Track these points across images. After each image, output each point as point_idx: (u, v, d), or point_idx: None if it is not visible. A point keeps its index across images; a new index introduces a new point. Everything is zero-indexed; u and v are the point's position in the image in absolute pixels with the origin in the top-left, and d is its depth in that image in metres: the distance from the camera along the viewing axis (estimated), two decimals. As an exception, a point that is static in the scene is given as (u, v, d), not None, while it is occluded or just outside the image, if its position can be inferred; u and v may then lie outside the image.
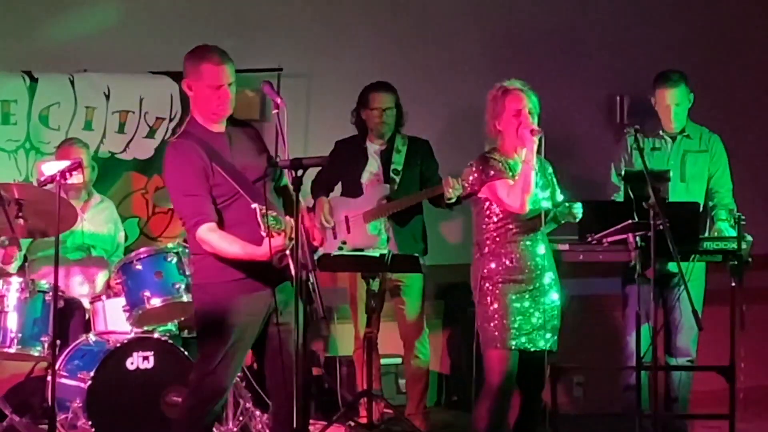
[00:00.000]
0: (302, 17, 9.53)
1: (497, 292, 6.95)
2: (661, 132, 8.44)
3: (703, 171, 8.42)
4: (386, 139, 8.75)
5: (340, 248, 8.53)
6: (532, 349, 6.94)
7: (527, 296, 6.96)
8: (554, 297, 7.04)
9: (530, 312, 6.94)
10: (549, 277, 7.05)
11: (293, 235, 6.03)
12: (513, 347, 6.89)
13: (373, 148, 8.77)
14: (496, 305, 6.95)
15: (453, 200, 7.70)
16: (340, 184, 8.77)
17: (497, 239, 7.01)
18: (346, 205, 8.67)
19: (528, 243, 7.00)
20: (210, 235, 6.24)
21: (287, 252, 6.11)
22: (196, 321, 6.65)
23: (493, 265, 6.99)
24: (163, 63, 9.08)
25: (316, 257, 6.40)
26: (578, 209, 7.09)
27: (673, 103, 8.39)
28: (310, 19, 9.50)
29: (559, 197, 7.17)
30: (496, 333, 6.91)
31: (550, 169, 7.18)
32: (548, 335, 7.00)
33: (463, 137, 8.99)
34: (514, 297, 6.94)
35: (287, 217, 6.19)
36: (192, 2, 9.37)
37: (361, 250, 8.32)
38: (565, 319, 7.14)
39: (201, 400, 6.53)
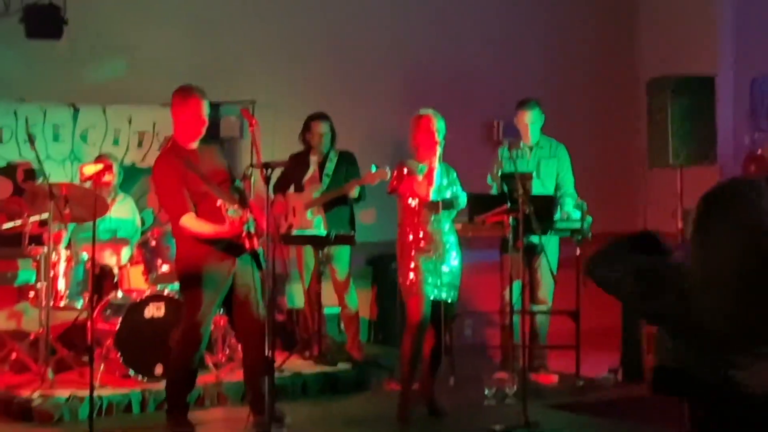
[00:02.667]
0: (268, 65, 9.52)
1: (412, 257, 6.99)
2: (521, 144, 8.50)
3: (553, 171, 8.46)
4: (324, 153, 8.76)
5: (289, 228, 8.59)
6: (439, 299, 6.99)
7: (433, 260, 7.00)
8: (454, 263, 7.09)
9: (437, 272, 6.98)
10: (451, 248, 7.09)
11: (251, 222, 6.25)
12: (425, 295, 6.94)
13: (314, 159, 8.76)
14: (412, 266, 6.98)
15: (357, 197, 8.36)
16: (293, 185, 8.77)
17: (413, 220, 7.06)
18: (294, 198, 8.71)
19: (434, 223, 7.04)
20: (190, 221, 6.36)
21: (244, 233, 6.23)
22: (179, 285, 6.73)
23: (410, 238, 7.04)
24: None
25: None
26: (463, 199, 7.17)
27: (530, 122, 8.45)
28: (275, 65, 9.48)
29: (461, 192, 7.23)
30: (414, 286, 6.95)
31: (454, 174, 7.23)
32: (451, 290, 7.05)
33: (383, 148, 9.07)
34: (423, 260, 6.98)
35: (244, 209, 6.35)
36: (194, 51, 9.33)
37: (303, 230, 8.42)
38: (461, 280, 7.20)
39: (187, 344, 6.59)
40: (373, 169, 8.27)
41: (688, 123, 8.87)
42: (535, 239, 7.78)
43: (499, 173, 7.98)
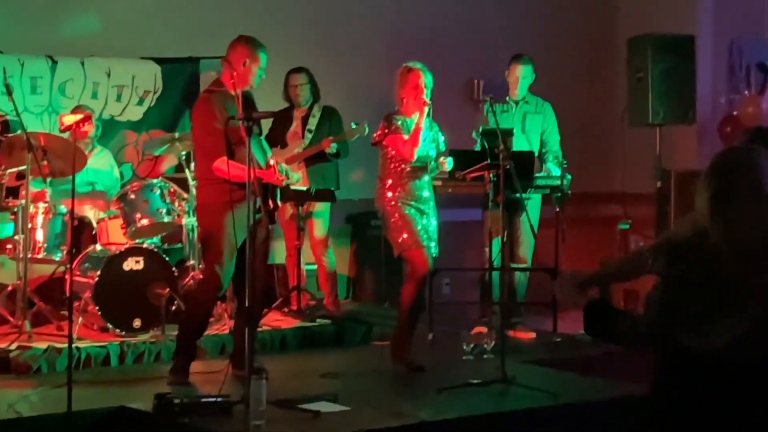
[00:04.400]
0: (249, 19, 9.38)
1: (400, 211, 6.97)
2: (507, 98, 8.48)
3: (537, 127, 8.46)
4: (306, 107, 8.70)
5: None
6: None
7: (419, 214, 7.00)
8: (433, 219, 7.08)
9: (423, 225, 6.98)
10: (432, 202, 7.09)
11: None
12: (426, 246, 6.94)
13: (297, 114, 8.71)
14: (400, 220, 6.97)
15: (333, 153, 8.33)
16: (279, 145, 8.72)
17: (395, 176, 7.03)
18: (277, 155, 8.63)
19: (416, 180, 7.02)
20: (223, 165, 6.30)
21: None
22: (201, 232, 6.79)
23: (390, 194, 7.02)
24: (149, 51, 9.04)
25: None
26: (449, 163, 7.15)
27: (521, 76, 8.44)
28: (256, 20, 9.36)
29: (443, 148, 7.21)
30: (410, 239, 6.94)
31: (437, 129, 7.20)
32: (435, 245, 7.05)
33: (364, 104, 9.02)
34: (413, 213, 6.97)
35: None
36: (173, 5, 9.24)
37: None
38: (441, 237, 7.19)
39: (206, 289, 6.64)
40: (353, 126, 8.25)
41: (668, 82, 8.89)
42: (516, 196, 7.75)
43: (480, 129, 7.94)
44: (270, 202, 6.54)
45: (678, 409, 3.64)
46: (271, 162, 6.50)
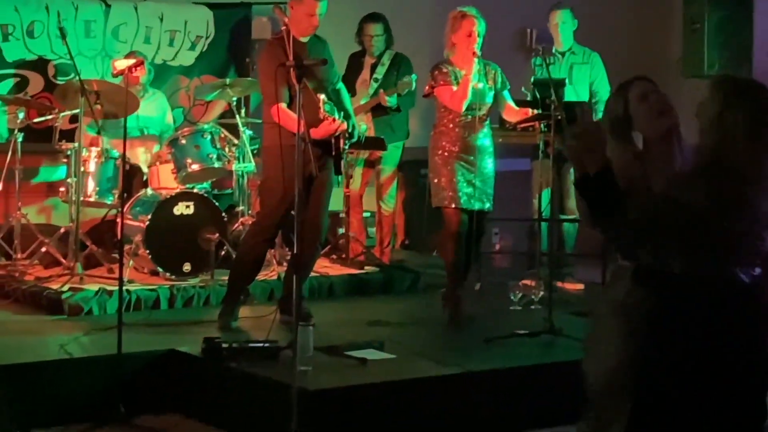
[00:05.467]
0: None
1: (445, 162, 6.89)
2: (554, 50, 8.40)
3: (586, 78, 8.37)
4: (377, 55, 8.64)
5: None
6: (473, 208, 6.92)
7: (467, 168, 6.89)
8: (488, 169, 6.97)
9: (470, 180, 6.90)
10: (485, 154, 6.98)
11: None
12: (461, 204, 6.87)
13: (367, 60, 8.65)
14: (444, 173, 6.89)
15: (392, 107, 8.24)
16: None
17: (446, 127, 6.96)
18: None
19: (468, 131, 6.90)
20: (281, 111, 6.31)
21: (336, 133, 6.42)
22: (263, 172, 6.84)
23: (438, 145, 6.97)
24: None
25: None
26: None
27: (560, 21, 8.37)
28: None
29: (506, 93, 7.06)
30: (447, 194, 6.88)
31: (494, 73, 7.00)
32: (484, 199, 6.97)
33: (418, 53, 8.95)
34: (457, 167, 6.87)
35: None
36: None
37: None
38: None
39: (259, 232, 6.72)
40: (404, 79, 8.21)
41: (724, 32, 8.77)
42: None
43: (532, 80, 7.87)
44: (335, 144, 6.53)
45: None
46: (322, 115, 6.42)
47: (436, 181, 6.94)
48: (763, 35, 9.78)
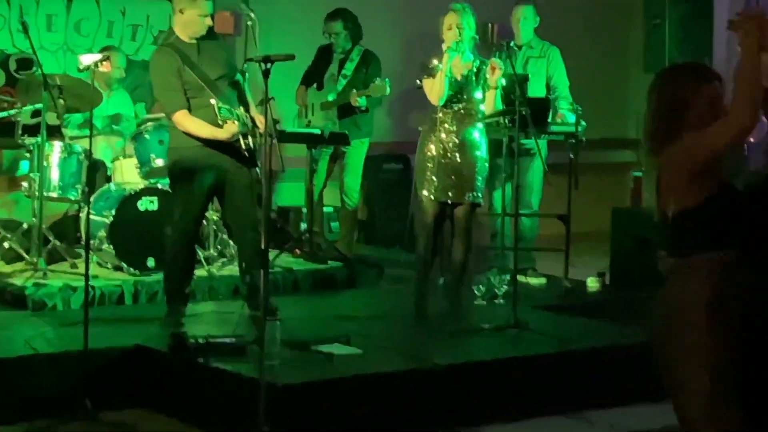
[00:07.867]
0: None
1: (423, 154, 6.94)
2: (512, 44, 8.40)
3: (542, 72, 8.34)
4: (343, 51, 8.61)
5: (308, 124, 8.53)
6: (447, 201, 6.95)
7: (449, 160, 6.90)
8: (471, 162, 6.98)
9: (449, 173, 6.90)
10: (473, 147, 6.96)
11: (246, 122, 6.36)
12: (436, 198, 6.90)
13: (336, 56, 8.61)
14: (420, 164, 6.97)
15: (361, 107, 8.21)
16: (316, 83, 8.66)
17: (430, 120, 6.95)
18: (314, 96, 8.61)
19: (455, 122, 6.92)
20: (183, 119, 6.35)
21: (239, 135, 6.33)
22: (169, 175, 6.70)
23: (422, 138, 6.98)
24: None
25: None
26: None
27: (522, 17, 8.39)
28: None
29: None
30: (422, 185, 6.93)
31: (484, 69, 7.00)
32: (467, 191, 6.97)
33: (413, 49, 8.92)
34: (439, 159, 6.86)
35: (240, 108, 6.41)
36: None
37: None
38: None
39: (180, 234, 6.63)
40: (377, 82, 8.16)
41: (685, 28, 8.84)
42: (529, 143, 7.73)
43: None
44: (243, 142, 6.43)
45: None
46: (220, 120, 6.30)
47: (419, 171, 6.98)
48: (724, 31, 9.88)
